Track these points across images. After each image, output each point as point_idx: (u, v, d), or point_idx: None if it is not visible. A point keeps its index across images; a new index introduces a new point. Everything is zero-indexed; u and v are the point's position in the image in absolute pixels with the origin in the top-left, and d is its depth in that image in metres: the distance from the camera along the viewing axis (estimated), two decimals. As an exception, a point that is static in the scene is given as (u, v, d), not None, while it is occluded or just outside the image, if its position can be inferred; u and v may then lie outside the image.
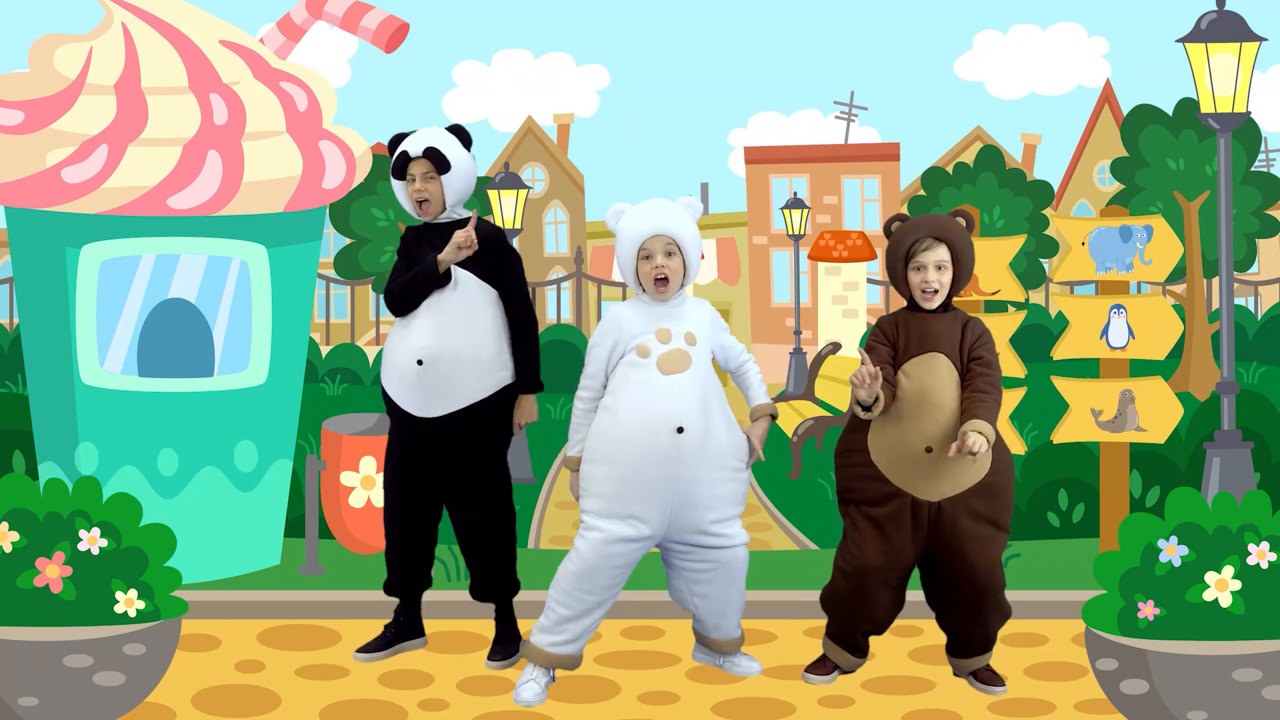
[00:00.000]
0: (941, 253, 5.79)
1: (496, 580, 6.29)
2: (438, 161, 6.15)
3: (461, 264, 6.14)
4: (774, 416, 5.92)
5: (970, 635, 5.94)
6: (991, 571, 5.79)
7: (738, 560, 5.99)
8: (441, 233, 6.20)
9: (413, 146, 6.19)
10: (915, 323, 5.82)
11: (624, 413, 5.79)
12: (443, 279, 6.12)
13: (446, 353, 6.08)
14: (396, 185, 6.23)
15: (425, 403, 6.15)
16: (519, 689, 5.85)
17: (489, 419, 6.16)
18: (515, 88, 48.01)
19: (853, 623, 5.95)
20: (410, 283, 6.13)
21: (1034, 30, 48.91)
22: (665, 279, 5.86)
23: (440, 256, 6.09)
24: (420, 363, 6.08)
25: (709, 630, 6.17)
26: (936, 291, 5.79)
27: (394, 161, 6.22)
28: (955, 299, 5.99)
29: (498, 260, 6.17)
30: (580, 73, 49.19)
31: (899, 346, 5.81)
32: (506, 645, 6.31)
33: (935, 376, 5.74)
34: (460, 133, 6.25)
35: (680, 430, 5.74)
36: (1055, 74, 50.26)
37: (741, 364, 6.10)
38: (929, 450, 5.68)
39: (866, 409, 5.70)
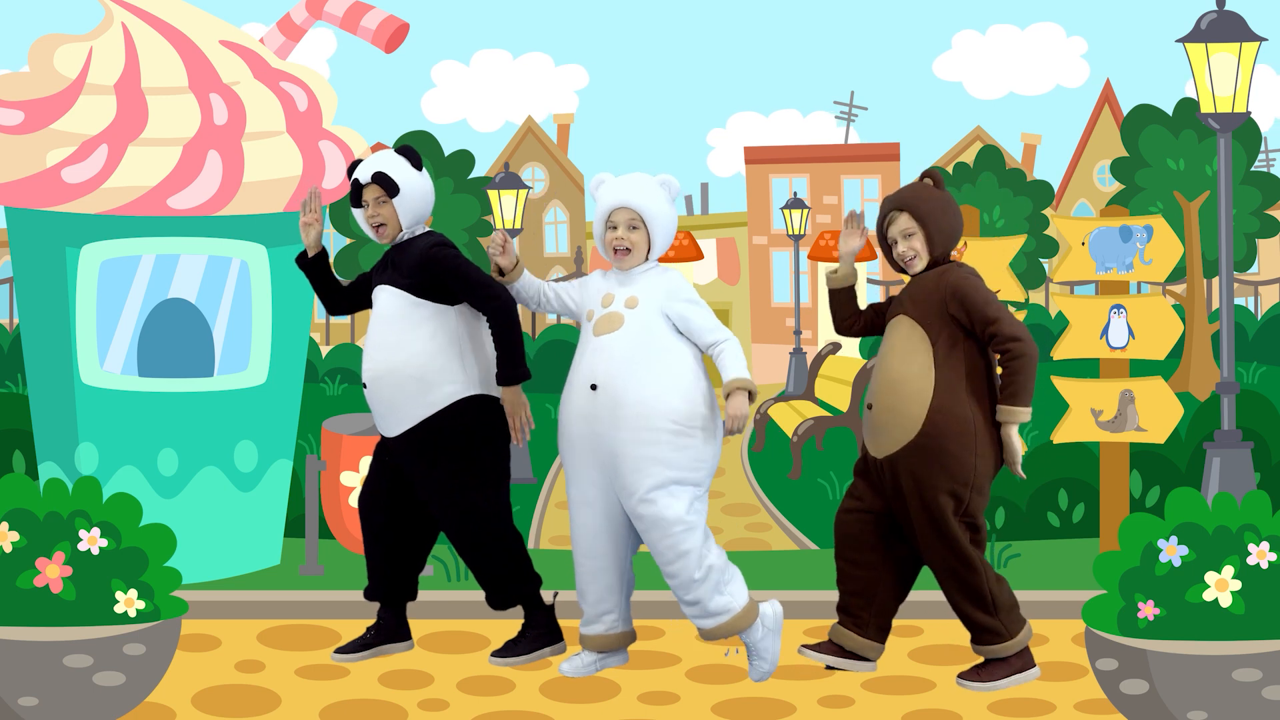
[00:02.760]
0: (903, 221, 5.96)
1: (495, 588, 6.31)
2: (386, 185, 6.20)
3: (394, 283, 6.19)
4: (750, 392, 5.84)
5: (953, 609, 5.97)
6: (937, 544, 5.80)
7: (662, 525, 5.88)
8: (402, 251, 6.23)
9: (362, 174, 6.25)
10: (905, 288, 6.05)
11: (570, 377, 6.03)
12: (309, 265, 6.40)
13: (387, 373, 6.17)
14: (356, 213, 6.29)
15: (382, 422, 6.27)
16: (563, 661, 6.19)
17: (446, 434, 6.15)
18: (494, 88, 48.08)
19: (838, 564, 6.06)
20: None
21: (1012, 30, 48.92)
22: (624, 250, 6.00)
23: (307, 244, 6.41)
24: (365, 385, 6.22)
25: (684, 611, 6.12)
26: (912, 258, 5.95)
27: (351, 191, 6.28)
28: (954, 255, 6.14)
29: (436, 276, 6.16)
30: (559, 73, 49.17)
31: (887, 313, 6.08)
32: (517, 644, 6.31)
33: (891, 338, 5.96)
34: (409, 154, 6.26)
35: (594, 387, 5.90)
36: (1034, 74, 50.35)
37: (712, 344, 5.99)
38: (870, 407, 5.93)
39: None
